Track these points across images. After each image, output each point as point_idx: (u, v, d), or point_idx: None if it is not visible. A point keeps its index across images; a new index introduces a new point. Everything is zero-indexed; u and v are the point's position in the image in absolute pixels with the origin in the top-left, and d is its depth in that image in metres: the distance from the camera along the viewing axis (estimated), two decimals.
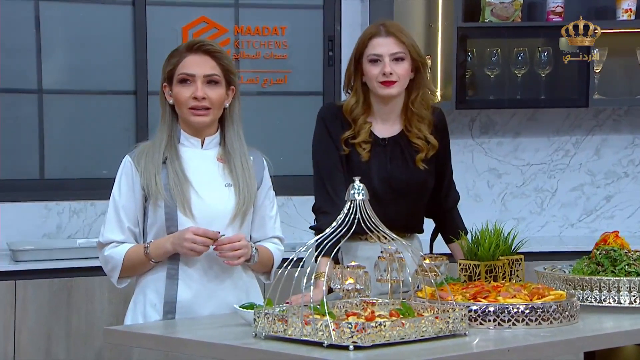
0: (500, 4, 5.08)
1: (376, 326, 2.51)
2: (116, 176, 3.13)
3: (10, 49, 4.87)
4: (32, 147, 4.92)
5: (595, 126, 5.46)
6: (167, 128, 3.13)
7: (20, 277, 4.37)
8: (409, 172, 3.40)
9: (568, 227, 5.46)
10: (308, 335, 2.54)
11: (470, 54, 5.11)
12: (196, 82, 3.07)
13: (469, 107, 5.17)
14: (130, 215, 3.08)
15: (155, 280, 3.09)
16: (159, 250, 3.05)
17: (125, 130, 4.98)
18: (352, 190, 2.74)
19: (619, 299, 3.01)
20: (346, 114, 3.39)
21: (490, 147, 5.41)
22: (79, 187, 4.87)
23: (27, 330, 4.36)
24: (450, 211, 3.58)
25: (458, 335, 2.67)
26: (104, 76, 5.01)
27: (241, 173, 3.12)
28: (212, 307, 3.07)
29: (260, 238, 3.21)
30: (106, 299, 4.42)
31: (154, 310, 3.07)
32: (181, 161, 3.10)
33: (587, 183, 5.47)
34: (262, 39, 5.19)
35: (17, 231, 4.77)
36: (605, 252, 3.12)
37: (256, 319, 2.66)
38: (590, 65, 5.09)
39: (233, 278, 3.12)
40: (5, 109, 4.89)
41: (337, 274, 2.95)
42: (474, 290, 2.90)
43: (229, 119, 3.17)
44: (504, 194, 5.43)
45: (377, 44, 3.34)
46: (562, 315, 2.82)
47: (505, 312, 2.78)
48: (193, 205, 3.06)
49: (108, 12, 5.00)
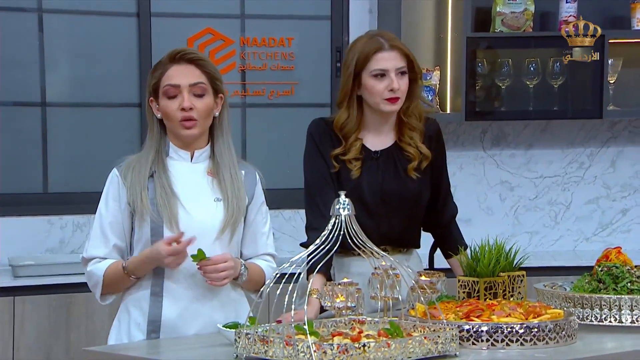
0: (511, 14, 4.97)
1: (359, 347, 2.40)
2: (103, 189, 3.04)
3: (13, 61, 4.82)
4: (36, 160, 4.86)
5: (610, 138, 5.34)
6: (155, 142, 3.04)
7: (19, 293, 4.31)
8: (402, 184, 3.29)
9: (583, 241, 5.33)
10: (289, 356, 2.44)
11: (481, 64, 5.00)
12: (182, 93, 2.97)
13: (479, 118, 5.07)
14: (116, 230, 2.99)
15: (140, 299, 2.99)
16: (137, 267, 2.96)
17: (129, 142, 4.91)
18: (337, 205, 2.63)
19: (620, 317, 2.88)
20: (336, 129, 3.28)
21: (502, 159, 5.29)
22: (82, 201, 4.79)
23: (25, 347, 4.29)
24: (447, 225, 3.46)
25: (448, 357, 2.55)
26: (108, 88, 4.95)
27: (230, 185, 3.02)
28: (199, 326, 2.97)
29: (251, 255, 3.10)
30: (106, 314, 4.33)
31: (138, 330, 2.97)
32: (169, 175, 3.01)
33: (603, 196, 5.34)
34: (268, 50, 5.11)
35: (19, 246, 4.71)
36: (607, 268, 3.00)
37: (237, 339, 2.55)
38: (604, 75, 4.97)
39: (220, 296, 3.01)
40: (8, 121, 4.83)
41: (328, 292, 2.84)
42: (467, 309, 2.78)
43: (219, 128, 3.07)
44: (517, 207, 5.31)
45: (382, 59, 3.22)
46: (558, 335, 2.70)
47: (499, 332, 2.66)
48: (180, 220, 2.96)
49: (112, 23, 4.94)
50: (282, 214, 5.06)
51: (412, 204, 3.32)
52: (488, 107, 5.08)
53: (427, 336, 2.53)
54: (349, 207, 2.64)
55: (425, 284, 2.89)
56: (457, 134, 5.25)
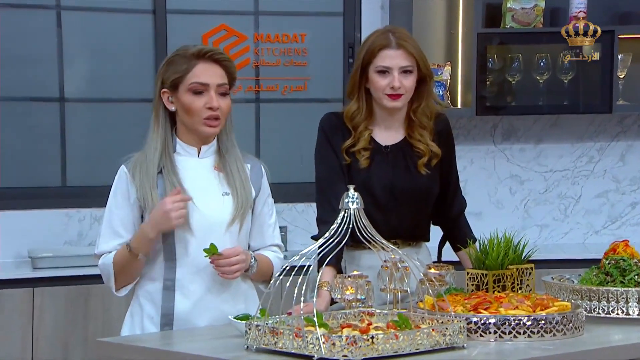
0: (522, 10, 4.94)
1: (368, 339, 2.39)
2: (112, 185, 3.03)
3: (32, 58, 4.84)
4: (54, 154, 4.87)
5: (620, 132, 5.30)
6: (161, 136, 3.01)
7: (38, 285, 4.32)
8: (412, 179, 3.28)
9: (592, 234, 5.30)
10: (298, 348, 2.43)
11: (492, 60, 4.98)
12: (210, 92, 2.95)
13: (490, 113, 5.05)
14: (127, 225, 2.98)
15: (152, 292, 2.99)
16: (140, 241, 2.91)
17: (144, 137, 4.89)
18: (346, 199, 2.62)
19: (627, 310, 2.86)
20: (347, 120, 3.28)
21: (513, 154, 5.27)
22: (100, 195, 4.75)
23: (44, 337, 4.30)
24: (456, 219, 3.44)
25: (456, 348, 2.54)
26: (125, 84, 4.95)
27: (237, 178, 3.01)
28: (210, 318, 2.96)
29: (259, 246, 3.10)
30: (123, 305, 4.31)
31: (151, 323, 2.97)
32: (177, 171, 2.99)
33: (612, 190, 5.31)
34: (281, 46, 5.10)
35: (38, 238, 4.72)
36: (614, 261, 2.98)
37: (247, 330, 2.55)
38: (613, 70, 4.94)
39: (231, 288, 3.00)
40: (27, 117, 4.85)
41: (338, 284, 2.84)
42: (476, 301, 2.76)
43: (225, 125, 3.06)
44: (527, 201, 5.29)
45: (386, 56, 3.20)
46: (565, 327, 2.68)
47: (507, 324, 2.65)
48: (190, 216, 2.95)
49: (129, 20, 4.95)
50: (294, 208, 5.05)
51: (422, 198, 3.30)
52: (499, 102, 5.06)
53: (435, 328, 2.52)
54: (358, 201, 2.63)
55: (434, 276, 2.88)
56: (467, 129, 5.23)
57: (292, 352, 2.43)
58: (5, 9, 4.77)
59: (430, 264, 3.11)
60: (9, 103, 4.79)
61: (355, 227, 2.61)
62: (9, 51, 4.78)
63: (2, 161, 4.77)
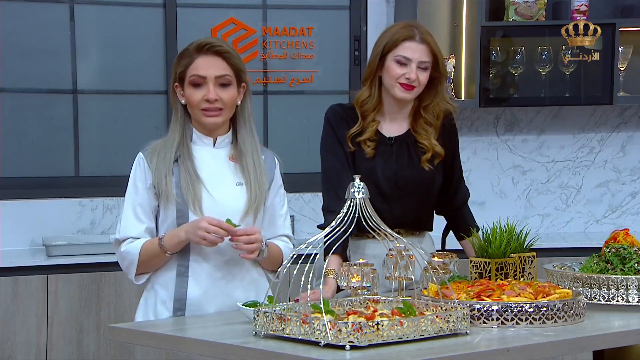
0: (525, 3, 4.92)
1: (373, 325, 2.38)
2: (130, 173, 3.04)
3: (46, 50, 4.83)
4: (68, 145, 4.87)
5: (620, 123, 5.28)
6: (180, 127, 3.03)
7: (52, 272, 4.33)
8: (416, 170, 3.26)
9: (593, 223, 5.29)
10: (305, 334, 2.43)
11: (495, 52, 4.96)
12: (208, 84, 2.96)
13: (493, 104, 5.03)
14: (146, 210, 2.98)
15: (165, 278, 2.99)
16: (172, 240, 2.93)
17: (156, 128, 4.91)
18: (352, 189, 2.61)
19: (627, 297, 2.85)
20: (357, 105, 3.27)
21: (515, 144, 5.25)
22: (112, 184, 4.80)
23: (58, 322, 4.31)
24: (460, 209, 3.43)
25: (459, 335, 2.53)
26: (136, 76, 4.94)
27: (253, 171, 3.01)
28: (222, 304, 2.96)
29: (269, 236, 3.09)
30: (134, 292, 4.34)
31: (164, 307, 2.97)
32: (193, 160, 3.00)
33: (613, 180, 5.29)
34: (289, 39, 5.09)
35: (53, 227, 4.72)
36: (614, 250, 2.96)
37: (256, 317, 2.54)
38: (614, 62, 4.92)
39: (242, 275, 3.01)
40: (41, 108, 4.85)
41: (344, 272, 2.83)
42: (479, 289, 2.75)
43: (241, 116, 3.05)
44: (529, 191, 5.27)
45: (409, 48, 3.19)
46: (567, 314, 2.67)
47: (509, 311, 2.64)
48: (204, 204, 2.95)
49: (140, 14, 4.93)
50: (302, 197, 5.04)
51: (425, 189, 3.29)
52: (502, 94, 5.04)
53: (439, 315, 2.51)
54: (364, 191, 2.62)
55: (438, 264, 2.88)
56: (471, 120, 5.21)
57: (299, 338, 2.43)
58: (20, 3, 4.77)
59: (434, 252, 3.10)
60: (26, 95, 4.79)
61: (361, 216, 2.60)
62: (24, 44, 4.78)
63: (20, 152, 4.77)
